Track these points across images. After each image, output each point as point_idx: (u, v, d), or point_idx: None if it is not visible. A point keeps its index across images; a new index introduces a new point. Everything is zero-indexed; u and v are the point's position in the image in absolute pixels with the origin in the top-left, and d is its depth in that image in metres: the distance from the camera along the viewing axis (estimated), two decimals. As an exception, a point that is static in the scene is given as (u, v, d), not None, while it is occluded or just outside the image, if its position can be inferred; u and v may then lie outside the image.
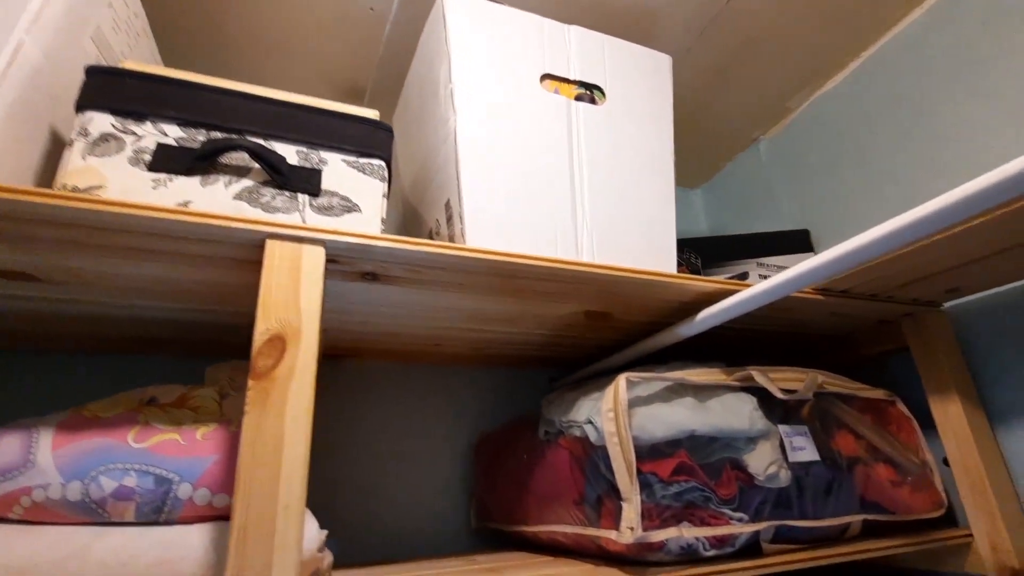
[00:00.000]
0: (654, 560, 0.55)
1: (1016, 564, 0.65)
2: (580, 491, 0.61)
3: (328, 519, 0.83)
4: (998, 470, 0.70)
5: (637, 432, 0.56)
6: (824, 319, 0.80)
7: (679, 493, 0.56)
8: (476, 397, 0.98)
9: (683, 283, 0.62)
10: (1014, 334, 0.73)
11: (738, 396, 0.64)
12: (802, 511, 0.61)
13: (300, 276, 0.46)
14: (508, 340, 0.82)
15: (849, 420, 0.72)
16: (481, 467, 0.86)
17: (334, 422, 0.89)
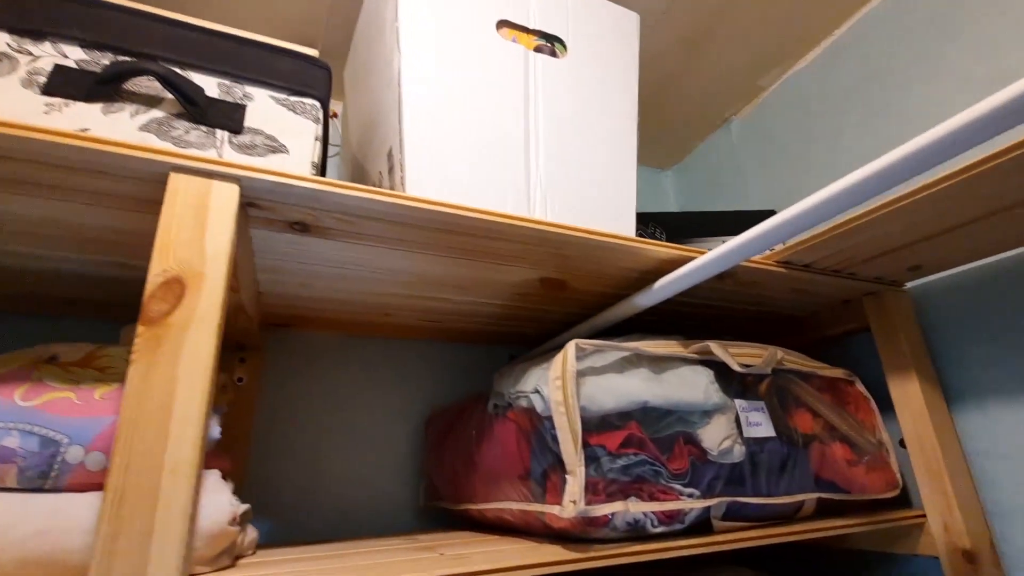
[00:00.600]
0: (599, 537, 0.52)
1: (968, 544, 0.64)
2: (526, 466, 0.58)
3: (269, 496, 0.78)
4: (953, 450, 0.69)
5: (586, 402, 0.53)
6: (788, 297, 0.78)
7: (627, 466, 0.52)
8: (430, 373, 0.93)
9: (640, 248, 0.58)
10: (973, 316, 0.72)
11: (695, 369, 0.61)
12: (755, 488, 0.59)
13: (207, 215, 0.41)
14: (462, 311, 0.78)
15: (807, 398, 0.70)
16: (431, 444, 0.82)
17: (277, 395, 0.83)
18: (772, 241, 0.49)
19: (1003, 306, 0.70)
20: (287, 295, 0.69)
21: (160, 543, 0.33)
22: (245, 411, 0.78)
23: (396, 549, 0.56)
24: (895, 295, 0.76)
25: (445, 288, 0.68)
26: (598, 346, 0.56)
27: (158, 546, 0.33)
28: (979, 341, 0.71)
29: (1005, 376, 0.68)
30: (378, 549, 0.56)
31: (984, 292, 0.72)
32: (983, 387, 0.70)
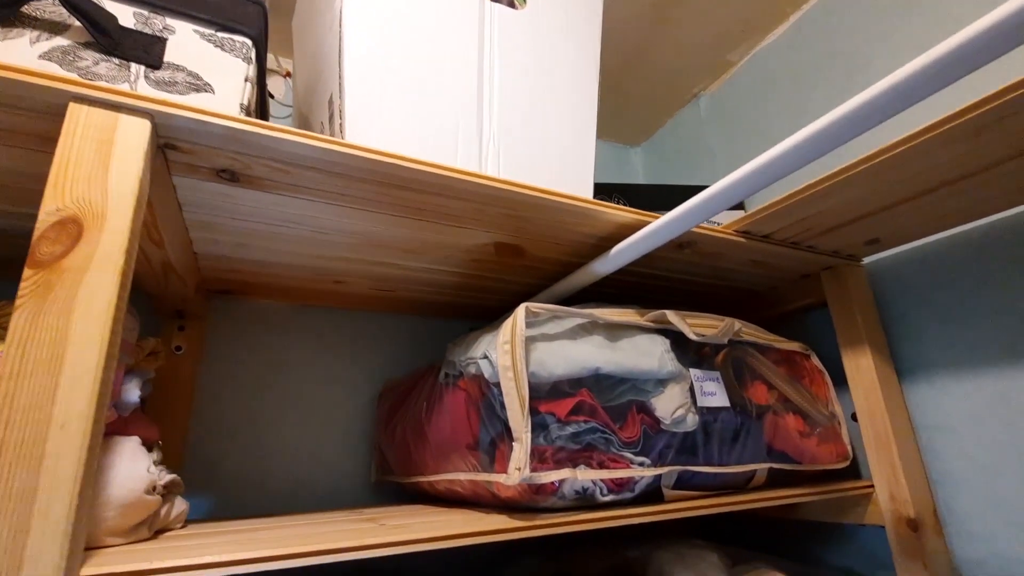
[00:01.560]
0: (547, 506, 0.51)
1: (912, 513, 0.65)
2: (475, 435, 0.55)
3: (211, 471, 0.75)
4: (902, 423, 0.70)
5: (536, 368, 0.51)
6: (747, 270, 0.77)
7: (577, 434, 0.51)
8: (386, 346, 0.90)
9: (597, 211, 0.56)
10: (926, 291, 0.73)
11: (650, 338, 0.60)
12: (707, 457, 0.58)
13: (112, 151, 0.37)
14: (416, 278, 0.75)
15: (763, 370, 0.69)
16: (382, 417, 0.79)
17: (221, 366, 0.79)
18: (730, 198, 0.47)
19: (956, 282, 0.70)
20: (225, 257, 0.65)
21: (45, 503, 0.29)
22: (184, 382, 0.74)
23: (336, 521, 0.53)
24: (852, 270, 0.76)
25: (396, 252, 0.65)
26: (551, 311, 0.53)
27: (43, 506, 0.29)
28: (932, 316, 0.72)
29: (955, 350, 0.69)
30: (317, 522, 0.54)
31: (938, 268, 0.72)
32: (933, 361, 0.71)
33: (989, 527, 0.64)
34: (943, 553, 0.65)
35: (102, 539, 0.41)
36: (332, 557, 0.38)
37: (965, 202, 0.60)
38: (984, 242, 0.68)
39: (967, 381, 0.68)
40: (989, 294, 0.67)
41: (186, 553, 0.35)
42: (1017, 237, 0.65)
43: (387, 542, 0.40)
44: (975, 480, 0.66)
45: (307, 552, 0.37)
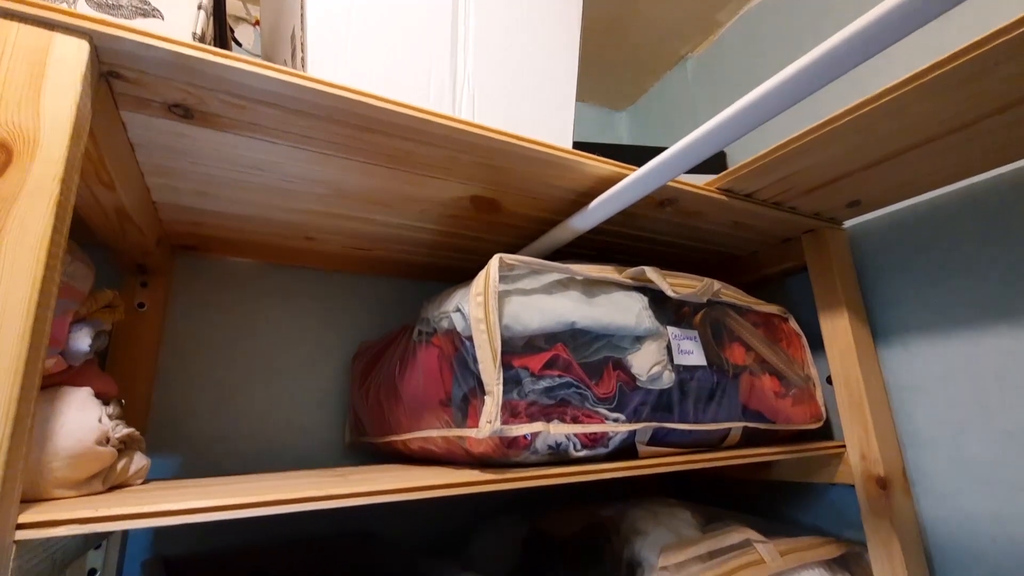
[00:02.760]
0: (519, 461, 0.50)
1: (881, 472, 0.65)
2: (447, 391, 0.54)
3: (179, 432, 0.73)
4: (876, 384, 0.71)
5: (509, 321, 0.49)
6: (729, 232, 0.76)
7: (551, 388, 0.50)
8: (360, 307, 0.88)
9: (576, 161, 0.54)
10: (904, 255, 0.73)
11: (628, 294, 0.58)
12: (682, 415, 0.58)
13: (45, 72, 0.34)
14: (391, 236, 0.72)
15: (741, 331, 0.69)
16: (356, 378, 0.77)
17: (188, 325, 0.76)
18: (712, 145, 0.45)
19: (933, 245, 0.70)
20: (186, 207, 0.61)
21: (-29, 449, 0.27)
22: (148, 340, 0.71)
23: (303, 478, 0.52)
24: (833, 233, 0.76)
25: (368, 206, 0.62)
26: (526, 263, 0.52)
27: (-32, 452, 0.27)
28: (909, 280, 0.72)
29: (930, 313, 0.69)
30: (283, 479, 0.52)
31: (917, 232, 0.72)
32: (909, 324, 0.71)
33: (955, 486, 0.65)
34: (910, 511, 0.66)
35: (50, 491, 0.39)
36: (292, 507, 0.37)
37: (946, 162, 0.60)
38: (962, 206, 0.68)
39: (939, 343, 0.68)
40: (965, 258, 0.67)
41: (132, 502, 0.34)
42: (994, 201, 0.65)
43: (352, 492, 0.39)
44: (943, 440, 0.67)
45: (263, 502, 0.36)
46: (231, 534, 0.72)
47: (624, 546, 0.63)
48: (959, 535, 0.64)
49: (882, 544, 0.64)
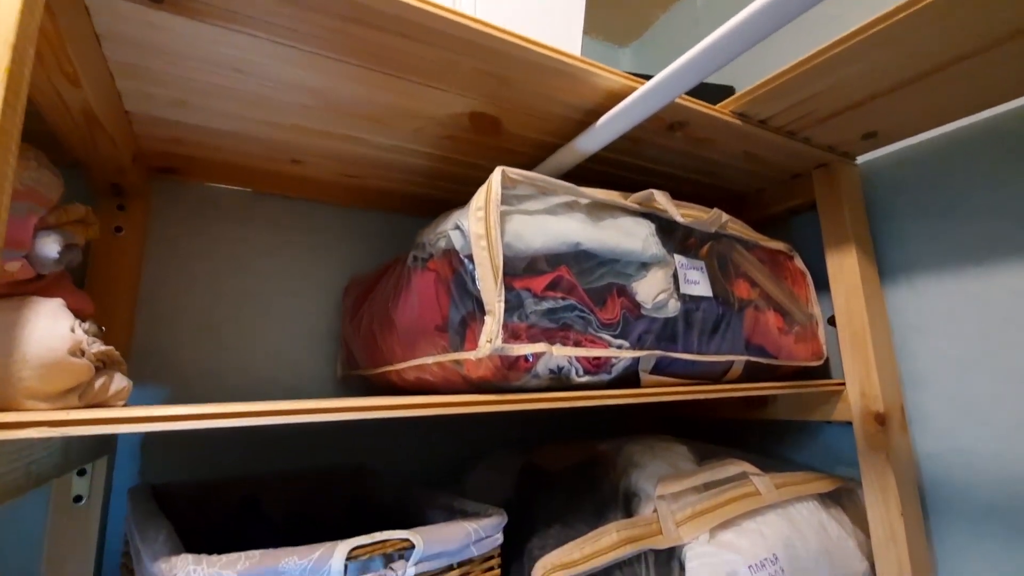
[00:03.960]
0: (520, 385, 0.48)
1: (881, 408, 0.65)
2: (444, 315, 0.52)
3: (163, 365, 0.70)
4: (880, 323, 0.69)
5: (511, 239, 0.46)
6: (738, 165, 0.73)
7: (553, 310, 0.47)
8: (352, 242, 0.85)
9: (585, 71, 0.50)
10: (917, 191, 0.70)
11: (635, 220, 0.56)
12: (687, 345, 0.56)
13: (-17, -84, 0.29)
14: (383, 160, 0.68)
15: (746, 266, 0.67)
16: (348, 310, 0.75)
17: (169, 254, 0.73)
18: (729, 52, 0.42)
19: (947, 181, 0.67)
20: (162, 119, 0.57)
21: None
22: (127, 266, 0.67)
23: (294, 403, 0.50)
24: (845, 168, 0.73)
25: (359, 121, 0.58)
26: (529, 179, 0.48)
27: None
28: (920, 217, 0.70)
29: (940, 250, 0.68)
30: (264, 407, 0.50)
31: (931, 166, 0.69)
32: (916, 262, 0.70)
33: (952, 424, 0.65)
34: (906, 447, 0.66)
35: (21, 402, 0.36)
36: (280, 419, 0.35)
37: (968, 88, 0.57)
38: (982, 138, 0.65)
39: (948, 281, 0.67)
40: (980, 193, 0.65)
41: (107, 412, 0.31)
42: (1016, 133, 0.62)
43: (343, 407, 0.37)
44: (944, 378, 0.66)
45: (250, 412, 0.34)
46: (222, 465, 0.71)
47: (621, 478, 0.63)
48: (954, 472, 0.65)
49: (877, 479, 0.64)
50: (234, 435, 0.73)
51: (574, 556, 0.48)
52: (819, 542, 0.61)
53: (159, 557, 0.35)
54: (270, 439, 0.75)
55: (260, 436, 0.74)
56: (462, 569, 0.46)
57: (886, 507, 0.63)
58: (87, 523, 0.60)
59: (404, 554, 0.42)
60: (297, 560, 0.37)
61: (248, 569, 0.35)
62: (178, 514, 0.58)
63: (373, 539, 0.41)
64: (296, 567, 0.36)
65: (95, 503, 0.61)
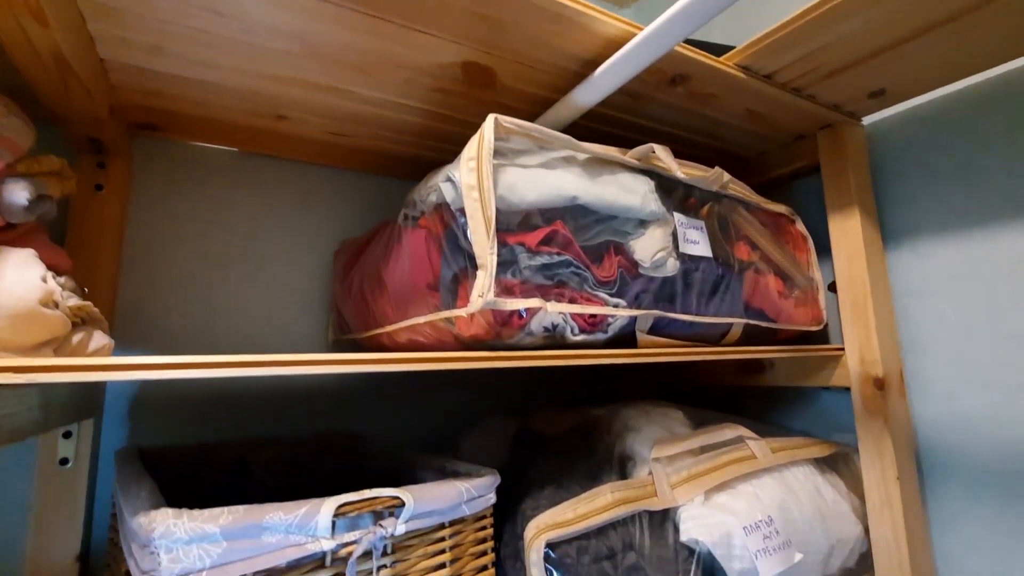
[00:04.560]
0: (513, 343, 0.47)
1: (880, 373, 0.64)
2: (436, 273, 0.50)
3: (149, 329, 0.69)
4: (882, 288, 0.68)
5: (505, 191, 0.44)
6: (741, 125, 0.71)
7: (548, 266, 0.46)
8: (342, 205, 0.83)
9: (584, 14, 0.47)
10: (923, 153, 0.68)
11: (634, 176, 0.54)
12: (685, 306, 0.55)
13: None
14: (372, 117, 0.66)
15: (747, 228, 0.65)
16: (339, 273, 0.73)
17: (154, 215, 0.71)
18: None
19: (955, 141, 0.65)
20: (139, 68, 0.54)
21: None
22: (109, 226, 0.65)
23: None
24: (851, 129, 0.71)
25: (344, 71, 0.55)
26: (523, 129, 0.46)
27: None
28: (926, 179, 0.68)
29: (945, 212, 0.66)
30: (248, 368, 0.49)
31: (939, 126, 0.67)
32: (920, 226, 0.68)
33: (953, 388, 0.64)
34: (904, 412, 0.66)
35: (-11, 351, 0.35)
36: (268, 370, 0.33)
37: (982, 41, 0.54)
38: (994, 95, 0.63)
39: (952, 244, 0.65)
40: (988, 153, 0.63)
41: (79, 360, 0.30)
42: (1032, 89, 0.60)
43: (334, 360, 0.35)
44: (945, 343, 0.65)
45: (237, 363, 0.32)
46: (212, 432, 0.70)
47: (616, 441, 0.62)
48: (951, 436, 0.64)
49: (873, 444, 0.64)
50: (224, 400, 0.72)
51: (567, 516, 0.48)
52: (814, 505, 0.60)
53: (139, 512, 0.33)
54: (261, 404, 0.74)
55: (251, 401, 0.73)
56: (454, 528, 0.45)
57: (882, 471, 0.63)
58: (74, 486, 0.59)
59: (394, 512, 0.41)
60: (283, 516, 0.36)
61: (231, 523, 0.34)
62: (166, 477, 0.58)
63: (362, 496, 0.40)
64: (282, 522, 0.35)
65: (81, 466, 0.59)
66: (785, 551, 0.54)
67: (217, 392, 0.71)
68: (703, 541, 0.52)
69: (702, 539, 0.52)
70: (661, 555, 0.51)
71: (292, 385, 0.76)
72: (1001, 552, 0.60)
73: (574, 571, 0.45)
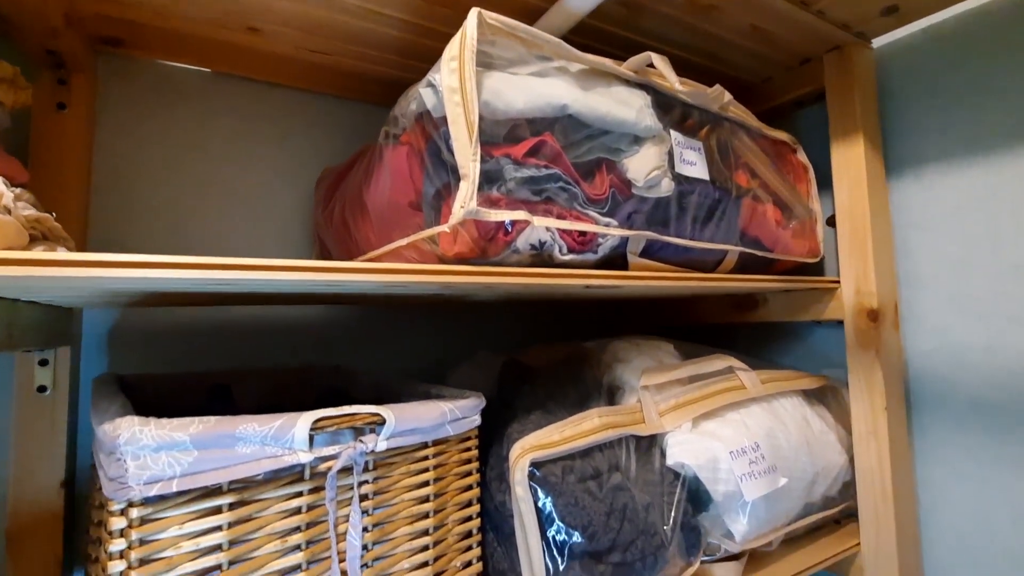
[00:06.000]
0: (497, 261, 0.45)
1: (874, 304, 0.63)
2: (418, 190, 0.48)
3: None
4: (882, 219, 0.66)
5: (489, 96, 0.41)
6: (744, 44, 0.67)
7: (535, 179, 0.43)
8: (323, 133, 0.79)
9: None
10: (934, 76, 0.65)
11: (630, 89, 0.50)
12: (679, 230, 0.53)
13: None
14: (350, 31, 0.61)
15: (747, 154, 0.62)
16: (320, 202, 0.70)
17: (122, 138, 0.67)
18: None
19: (969, 62, 0.62)
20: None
21: None
22: (74, 148, 0.61)
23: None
24: (859, 51, 0.67)
25: (319, -28, 0.51)
26: (509, 28, 0.43)
27: None
28: (935, 104, 0.65)
29: (954, 140, 0.63)
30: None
31: (952, 47, 0.63)
32: (927, 155, 0.65)
33: (948, 321, 0.63)
34: (896, 344, 0.65)
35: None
36: (255, 274, 0.32)
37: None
38: (1010, 14, 0.59)
39: (958, 174, 0.63)
40: (1003, 74, 0.59)
41: (25, 254, 0.28)
42: (1057, 2, 0.56)
43: (319, 267, 0.33)
44: (943, 276, 0.64)
45: (221, 265, 0.30)
46: (194, 362, 0.69)
47: (605, 372, 0.61)
48: (943, 369, 0.64)
49: (863, 375, 0.63)
50: (207, 333, 0.70)
51: (553, 437, 0.47)
52: (801, 434, 0.60)
53: (104, 422, 0.32)
54: (245, 338, 0.72)
55: (233, 334, 0.72)
56: (438, 448, 0.45)
57: (870, 402, 0.63)
58: (54, 414, 0.58)
59: (376, 430, 0.40)
60: (257, 427, 0.35)
61: (202, 432, 0.32)
62: (145, 404, 0.57)
63: (341, 412, 0.38)
64: (256, 433, 0.34)
65: (60, 394, 0.58)
66: (770, 475, 0.54)
67: (199, 324, 0.70)
68: (689, 464, 0.52)
69: (688, 462, 0.52)
70: (647, 479, 0.51)
71: (276, 318, 0.75)
72: (983, 480, 0.60)
73: (558, 490, 0.44)
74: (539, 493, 0.44)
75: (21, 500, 0.56)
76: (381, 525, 0.41)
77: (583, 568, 0.44)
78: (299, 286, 0.35)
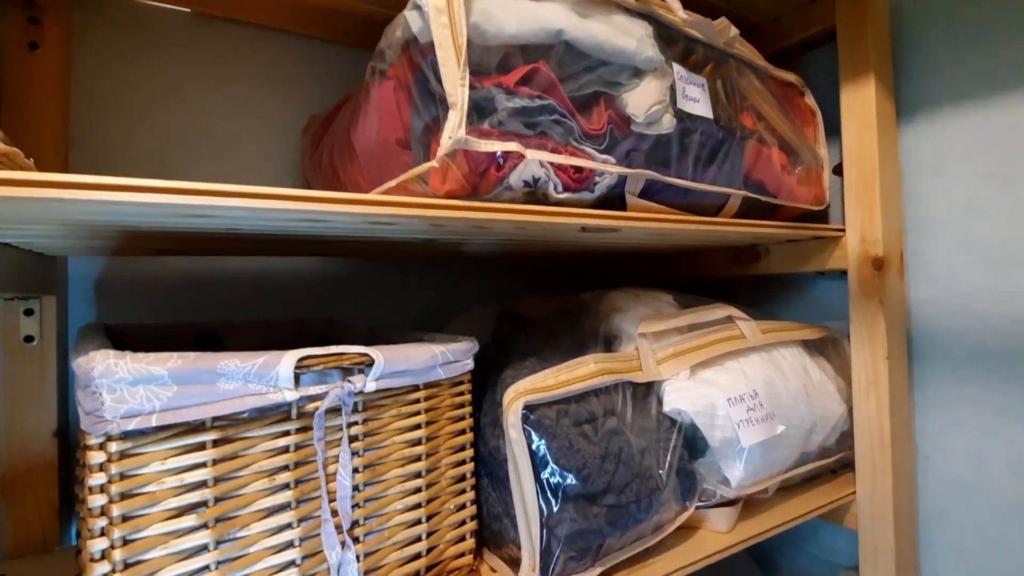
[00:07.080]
0: (490, 198, 0.43)
1: (880, 252, 0.61)
2: (406, 125, 0.45)
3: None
4: (891, 164, 0.64)
5: (479, 18, 0.39)
6: (752, -20, 0.63)
7: (528, 110, 0.41)
8: (311, 77, 0.75)
9: None
10: (950, 11, 0.61)
11: (631, 18, 0.47)
12: (680, 171, 0.50)
13: None
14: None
15: (753, 95, 0.59)
16: (308, 149, 0.68)
17: (101, 83, 0.64)
18: None
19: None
20: None
21: None
22: (49, 90, 0.59)
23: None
24: (875, -14, 0.63)
25: None
26: (502, -54, 0.40)
27: None
28: (951, 41, 0.62)
29: (969, 79, 0.60)
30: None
31: (976, -19, 0.60)
32: (940, 96, 0.63)
33: (953, 268, 0.62)
34: (900, 293, 0.64)
35: None
36: (244, 202, 0.30)
37: None
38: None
39: (972, 114, 0.60)
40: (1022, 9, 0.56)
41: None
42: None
43: (308, 195, 0.32)
44: (951, 222, 0.62)
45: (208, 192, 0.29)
46: (185, 308, 0.68)
47: (602, 321, 0.60)
48: (945, 317, 0.62)
49: (866, 325, 0.62)
50: (198, 284, 0.69)
51: (548, 382, 0.46)
52: (799, 383, 0.59)
53: (79, 356, 0.31)
54: (237, 290, 0.71)
55: (226, 286, 0.70)
56: (429, 391, 0.44)
57: (872, 352, 0.62)
58: (43, 364, 0.57)
59: (364, 370, 0.39)
60: (239, 363, 0.33)
61: (181, 367, 0.31)
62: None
63: (327, 351, 0.37)
64: (238, 369, 0.33)
65: (48, 344, 0.57)
66: (768, 423, 0.53)
67: (191, 275, 0.68)
68: (686, 411, 0.51)
69: (685, 409, 0.51)
70: (643, 425, 0.50)
71: (270, 271, 0.73)
72: (983, 429, 0.60)
73: (552, 433, 0.44)
74: (533, 436, 0.44)
75: (13, 450, 0.56)
76: (372, 467, 0.40)
77: (577, 510, 0.43)
78: (278, 215, 0.34)
